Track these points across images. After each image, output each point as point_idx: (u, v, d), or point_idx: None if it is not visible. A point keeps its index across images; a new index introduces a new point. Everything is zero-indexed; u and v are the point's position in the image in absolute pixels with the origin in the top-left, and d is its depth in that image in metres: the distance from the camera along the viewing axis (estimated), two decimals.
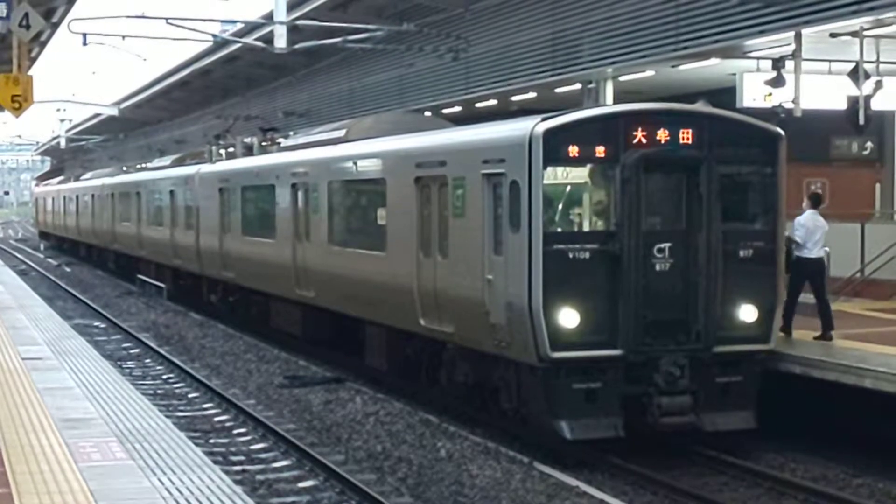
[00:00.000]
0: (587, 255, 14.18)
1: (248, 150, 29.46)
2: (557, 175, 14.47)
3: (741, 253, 14.87)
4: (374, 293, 18.95)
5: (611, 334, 14.16)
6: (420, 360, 18.00)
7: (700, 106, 15.67)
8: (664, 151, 14.40)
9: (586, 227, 14.67)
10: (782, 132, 15.34)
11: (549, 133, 14.12)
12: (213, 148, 32.19)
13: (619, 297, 14.11)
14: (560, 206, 14.58)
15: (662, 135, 14.42)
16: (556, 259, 14.04)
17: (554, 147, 14.11)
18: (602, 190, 14.60)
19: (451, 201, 16.05)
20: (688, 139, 14.55)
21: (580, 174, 14.64)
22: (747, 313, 14.80)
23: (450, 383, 16.98)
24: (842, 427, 15.09)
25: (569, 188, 14.71)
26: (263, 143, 28.90)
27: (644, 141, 14.33)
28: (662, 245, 14.34)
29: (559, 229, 14.45)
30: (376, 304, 18.98)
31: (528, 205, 14.07)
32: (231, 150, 30.97)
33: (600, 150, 14.28)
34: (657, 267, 14.32)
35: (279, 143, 27.94)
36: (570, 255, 14.14)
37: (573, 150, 14.23)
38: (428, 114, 27.93)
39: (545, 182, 14.12)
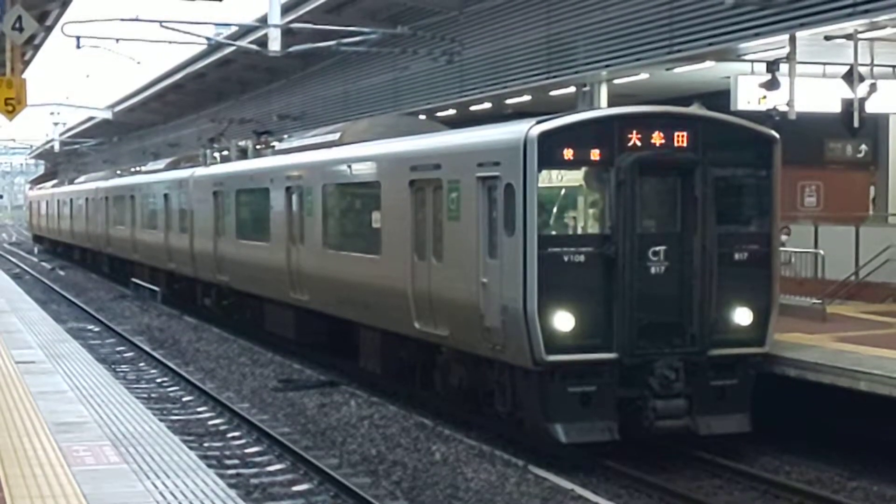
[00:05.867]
0: (582, 258, 14.17)
1: (243, 154, 29.46)
2: (552, 178, 14.44)
3: (736, 256, 14.86)
4: (368, 296, 18.93)
5: (606, 337, 14.14)
6: (414, 364, 17.98)
7: (695, 109, 15.66)
8: (659, 154, 14.38)
9: (581, 231, 14.66)
10: (777, 135, 15.34)
11: (543, 136, 14.11)
12: (208, 151, 32.17)
13: (614, 300, 14.09)
14: (555, 209, 14.57)
15: (657, 138, 14.41)
16: (550, 262, 14.03)
17: (549, 150, 14.10)
18: (597, 193, 14.58)
19: (446, 204, 16.04)
20: (682, 142, 14.54)
21: (575, 177, 14.62)
22: (742, 316, 14.79)
23: (444, 387, 16.96)
24: (837, 430, 15.08)
25: (563, 191, 14.69)
26: (258, 147, 28.89)
27: (639, 144, 14.32)
28: (657, 248, 14.33)
29: (554, 232, 14.43)
30: (371, 308, 18.96)
31: (523, 208, 14.06)
32: (225, 153, 30.96)
33: (595, 153, 14.28)
34: (652, 270, 14.31)
35: (273, 147, 27.93)
36: (565, 259, 14.13)
37: (568, 153, 14.22)
38: (422, 117, 27.91)
39: (540, 185, 14.11)
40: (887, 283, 20.97)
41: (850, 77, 19.38)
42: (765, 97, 19.77)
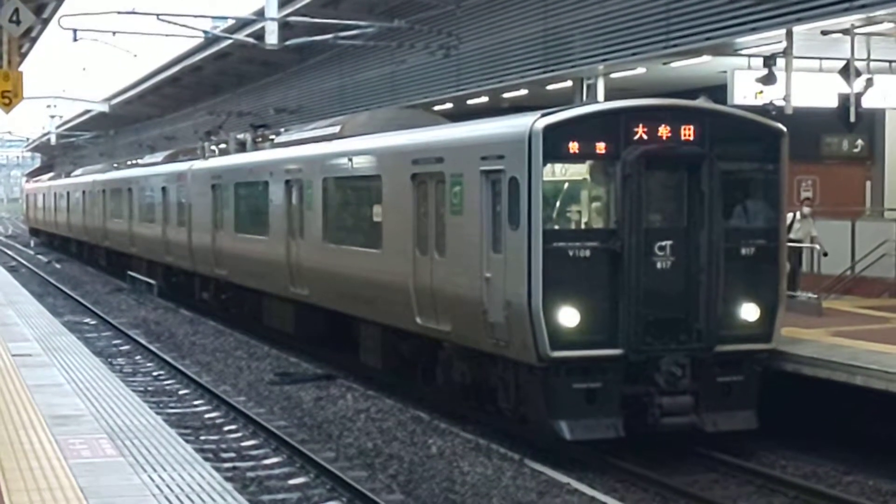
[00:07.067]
0: (587, 252, 13.98)
1: (241, 147, 29.40)
2: (557, 171, 14.27)
3: (743, 251, 14.69)
4: (369, 291, 18.80)
5: (611, 333, 13.97)
6: (416, 360, 17.84)
7: (701, 102, 15.51)
8: (665, 148, 14.19)
9: (586, 225, 14.49)
10: (784, 129, 15.12)
11: (549, 129, 13.93)
12: (206, 144, 32.11)
13: (620, 295, 13.92)
14: (560, 204, 14.39)
15: (664, 131, 14.23)
16: (555, 257, 13.85)
17: (554, 143, 13.92)
18: (602, 187, 14.41)
19: (449, 198, 15.86)
20: (689, 135, 14.35)
21: (580, 171, 14.46)
22: (749, 312, 14.63)
23: (446, 383, 16.80)
24: (833, 424, 15.09)
25: (569, 185, 14.52)
26: (256, 140, 28.82)
27: (645, 137, 14.13)
28: (664, 243, 14.16)
29: (559, 227, 14.27)
30: (372, 303, 18.82)
31: (528, 202, 13.87)
32: (223, 146, 30.92)
33: (601, 147, 14.09)
34: (658, 265, 14.13)
35: (272, 140, 27.86)
36: (571, 253, 13.95)
37: (573, 147, 14.04)
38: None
39: (545, 179, 13.93)
40: (883, 277, 21.00)
41: (847, 72, 19.39)
42: (761, 92, 19.78)
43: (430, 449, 14.88)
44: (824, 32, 18.91)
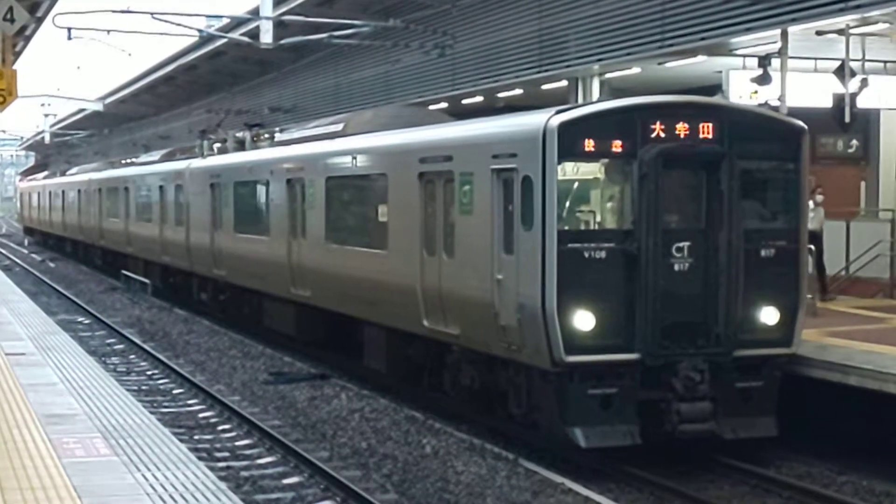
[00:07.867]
0: (603, 254, 13.63)
1: (240, 146, 29.29)
2: (572, 170, 13.93)
3: (763, 252, 14.31)
4: (374, 293, 18.49)
5: (627, 337, 13.62)
6: (422, 363, 17.51)
7: (719, 99, 15.26)
8: (683, 146, 13.81)
9: (602, 226, 14.15)
10: (805, 126, 14.74)
11: (564, 126, 13.58)
12: (205, 142, 32.00)
13: (637, 298, 13.57)
14: (575, 203, 14.04)
15: (682, 129, 13.85)
16: (570, 258, 13.49)
17: (569, 141, 13.57)
18: (619, 186, 14.08)
19: (458, 198, 15.55)
20: (708, 133, 13.98)
21: (596, 170, 14.13)
22: (769, 315, 14.25)
23: (454, 387, 16.49)
24: (827, 424, 15.09)
25: (584, 184, 14.19)
26: (255, 139, 28.73)
27: (663, 135, 13.77)
28: (681, 244, 13.78)
29: (574, 227, 13.89)
30: (376, 304, 18.51)
31: (542, 201, 13.55)
32: (219, 145, 30.83)
33: (617, 145, 13.73)
34: (676, 267, 13.76)
35: (273, 138, 27.73)
36: (586, 255, 13.58)
37: (589, 145, 13.68)
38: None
39: (560, 178, 13.58)
40: (877, 278, 21.02)
41: (842, 72, 19.41)
42: (756, 92, 19.78)
43: (424, 448, 14.87)
44: (819, 33, 18.93)
